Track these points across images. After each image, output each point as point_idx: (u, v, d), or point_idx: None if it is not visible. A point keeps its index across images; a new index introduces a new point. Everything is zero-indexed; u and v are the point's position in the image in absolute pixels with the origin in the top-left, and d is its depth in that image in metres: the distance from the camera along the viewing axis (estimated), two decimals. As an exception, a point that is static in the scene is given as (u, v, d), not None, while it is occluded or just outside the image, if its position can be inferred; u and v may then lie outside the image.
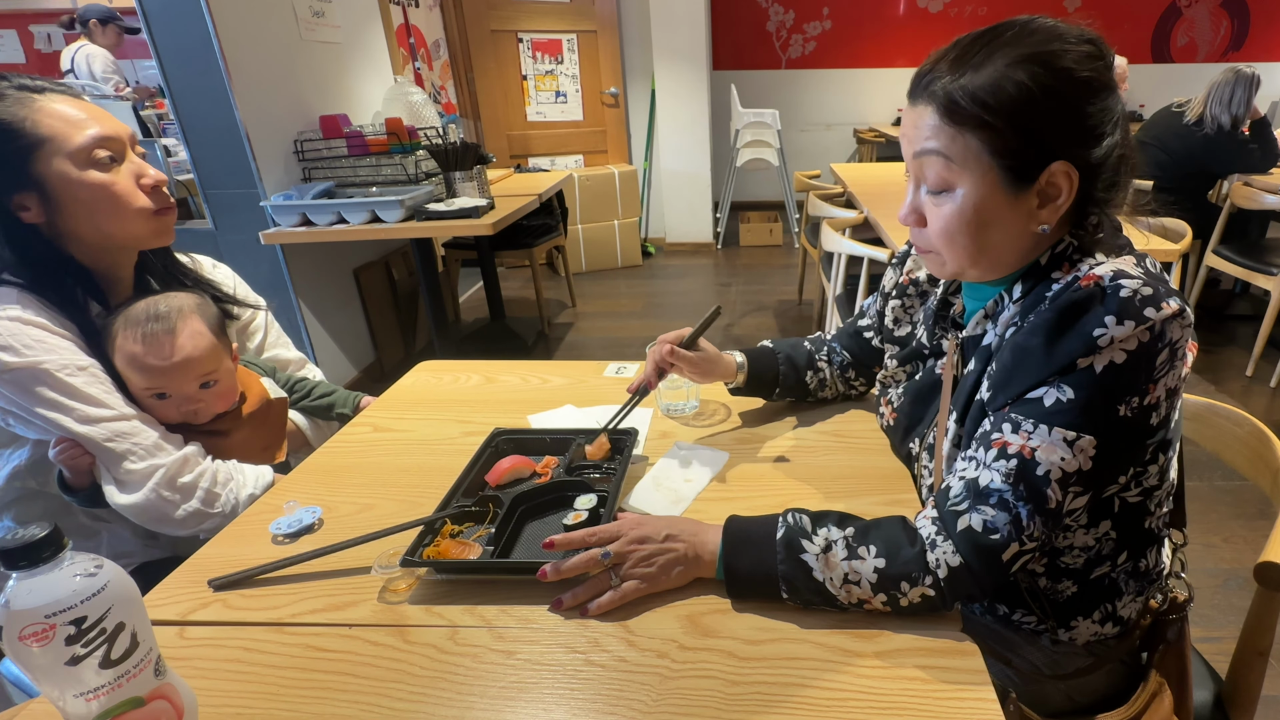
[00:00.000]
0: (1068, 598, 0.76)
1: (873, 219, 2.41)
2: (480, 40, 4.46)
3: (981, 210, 0.65)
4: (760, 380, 1.01)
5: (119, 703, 0.51)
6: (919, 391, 0.85)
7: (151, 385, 0.98)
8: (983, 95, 0.62)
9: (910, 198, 0.71)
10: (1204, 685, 0.88)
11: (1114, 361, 0.60)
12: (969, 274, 0.72)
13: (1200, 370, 2.88)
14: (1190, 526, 0.86)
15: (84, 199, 0.92)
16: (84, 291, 0.97)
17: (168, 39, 2.18)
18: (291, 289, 2.56)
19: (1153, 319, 0.59)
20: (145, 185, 0.97)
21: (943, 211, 0.67)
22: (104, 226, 0.95)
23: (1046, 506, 0.63)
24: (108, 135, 0.93)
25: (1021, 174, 0.64)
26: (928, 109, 0.65)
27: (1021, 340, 0.66)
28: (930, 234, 0.70)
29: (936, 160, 0.66)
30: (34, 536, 0.47)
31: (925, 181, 0.68)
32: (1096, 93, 0.63)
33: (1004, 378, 0.67)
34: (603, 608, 0.68)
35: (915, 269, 0.92)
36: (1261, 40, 5.97)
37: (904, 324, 0.92)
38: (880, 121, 6.24)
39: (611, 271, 4.67)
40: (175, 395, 0.99)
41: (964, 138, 0.64)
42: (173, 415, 1.01)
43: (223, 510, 0.98)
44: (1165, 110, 3.16)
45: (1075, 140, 0.64)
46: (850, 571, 0.65)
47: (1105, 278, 0.62)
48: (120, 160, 0.95)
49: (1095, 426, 0.61)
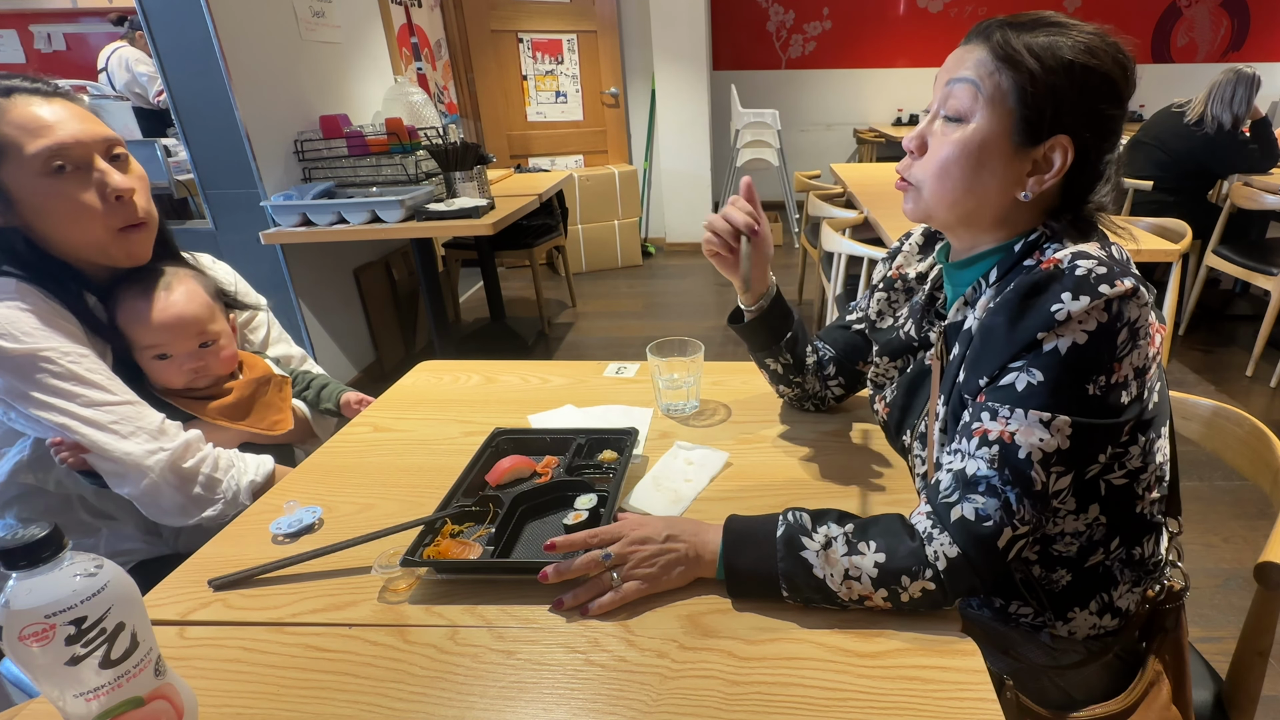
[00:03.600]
0: (1063, 587, 0.77)
1: (873, 219, 2.41)
2: (480, 40, 4.46)
3: (984, 148, 0.69)
4: (774, 316, 0.95)
5: (119, 703, 0.51)
6: (910, 383, 0.87)
7: (153, 342, 1.01)
8: (1035, 48, 0.66)
9: (922, 127, 0.74)
10: (1204, 685, 0.88)
11: (1076, 342, 0.63)
12: (941, 216, 0.75)
13: (1200, 370, 2.88)
14: (1190, 526, 0.86)
15: (41, 208, 0.90)
16: (78, 285, 0.97)
17: (168, 39, 2.18)
18: (291, 289, 2.56)
19: (1106, 294, 0.62)
20: (108, 196, 0.93)
21: (949, 139, 0.70)
22: (68, 237, 0.93)
23: (1033, 489, 0.65)
24: (64, 143, 0.89)
25: (1032, 130, 0.68)
26: (979, 48, 0.69)
27: (987, 320, 0.70)
28: (926, 162, 0.73)
29: (967, 88, 0.69)
30: (34, 536, 0.47)
31: (945, 108, 0.71)
32: (1115, 98, 0.68)
33: (974, 357, 0.71)
34: (603, 608, 0.68)
35: (904, 265, 0.95)
36: (1261, 40, 5.97)
37: (887, 316, 0.96)
38: (880, 121, 6.24)
39: (611, 271, 4.67)
40: (176, 355, 1.03)
41: (1000, 76, 0.67)
42: (175, 378, 1.04)
43: (224, 496, 0.98)
44: (1165, 110, 3.16)
45: (1085, 124, 0.68)
46: (851, 567, 0.66)
47: (1065, 259, 0.65)
48: (84, 168, 0.91)
49: (1067, 406, 0.64)
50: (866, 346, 0.98)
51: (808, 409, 1.06)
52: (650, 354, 1.05)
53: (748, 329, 0.97)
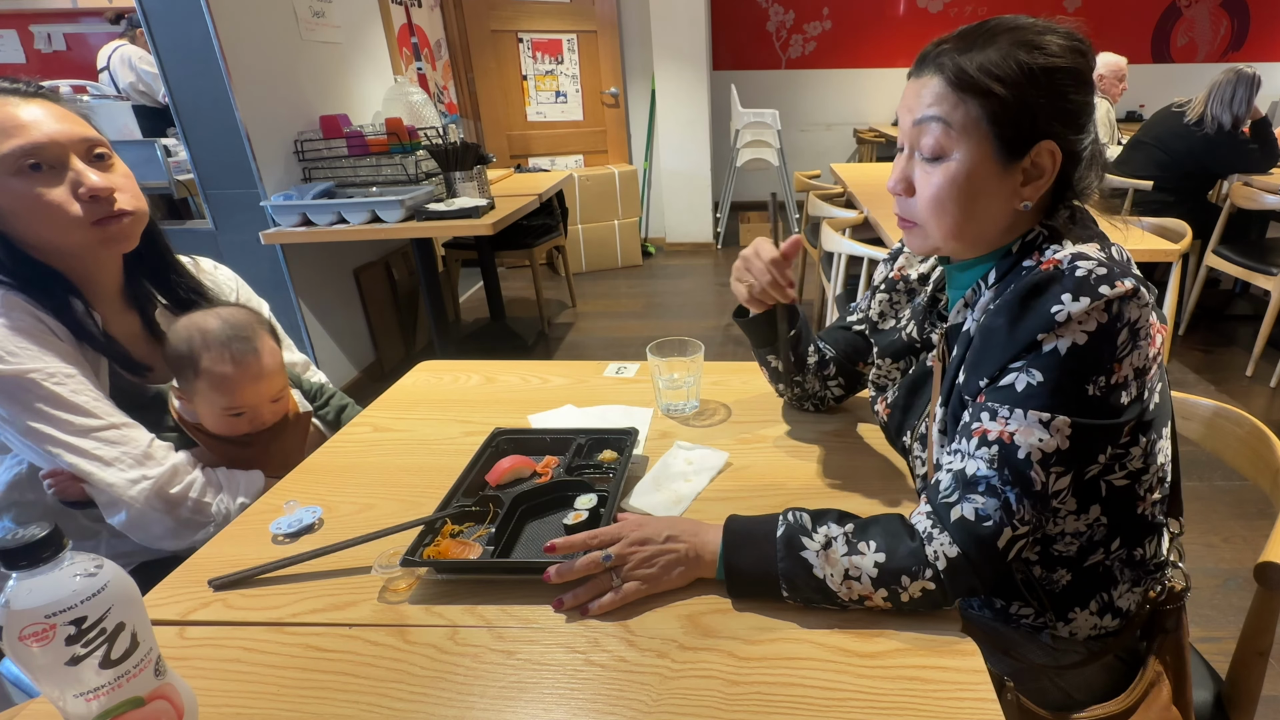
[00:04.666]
0: (1063, 587, 0.77)
1: (873, 219, 2.41)
2: (480, 40, 4.46)
3: (973, 178, 0.69)
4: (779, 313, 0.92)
5: (119, 703, 0.51)
6: (912, 385, 0.87)
7: (235, 404, 0.99)
8: (989, 66, 0.66)
9: (901, 167, 0.73)
10: (1204, 685, 0.88)
11: (1076, 343, 0.63)
12: (950, 246, 0.74)
13: (1200, 370, 2.88)
14: (1190, 526, 0.86)
15: (12, 208, 0.89)
16: (63, 289, 0.95)
17: (168, 39, 2.18)
18: (291, 289, 2.56)
19: (1106, 295, 0.62)
20: (82, 195, 0.91)
21: (934, 179, 0.70)
22: (42, 234, 0.92)
23: (1033, 489, 0.65)
24: (37, 143, 0.88)
25: (1013, 147, 0.68)
26: (934, 79, 0.69)
27: (988, 322, 0.70)
28: (918, 202, 0.72)
29: (936, 126, 0.69)
30: (34, 536, 0.47)
31: (920, 149, 0.71)
32: (1082, 85, 0.68)
33: (974, 359, 0.71)
34: (603, 608, 0.68)
35: (906, 266, 0.95)
36: (1261, 40, 5.97)
37: (888, 318, 0.96)
38: (880, 121, 6.24)
39: (611, 271, 4.67)
40: (249, 412, 1.01)
41: (966, 105, 0.67)
42: (242, 428, 1.02)
43: (215, 520, 0.96)
44: (1165, 110, 3.16)
45: (1061, 123, 0.68)
46: (851, 567, 0.66)
47: (1064, 260, 0.65)
48: (59, 167, 0.90)
49: (1067, 406, 0.64)
50: (867, 347, 0.98)
51: (807, 409, 1.06)
52: (650, 354, 1.05)
53: (751, 324, 0.96)
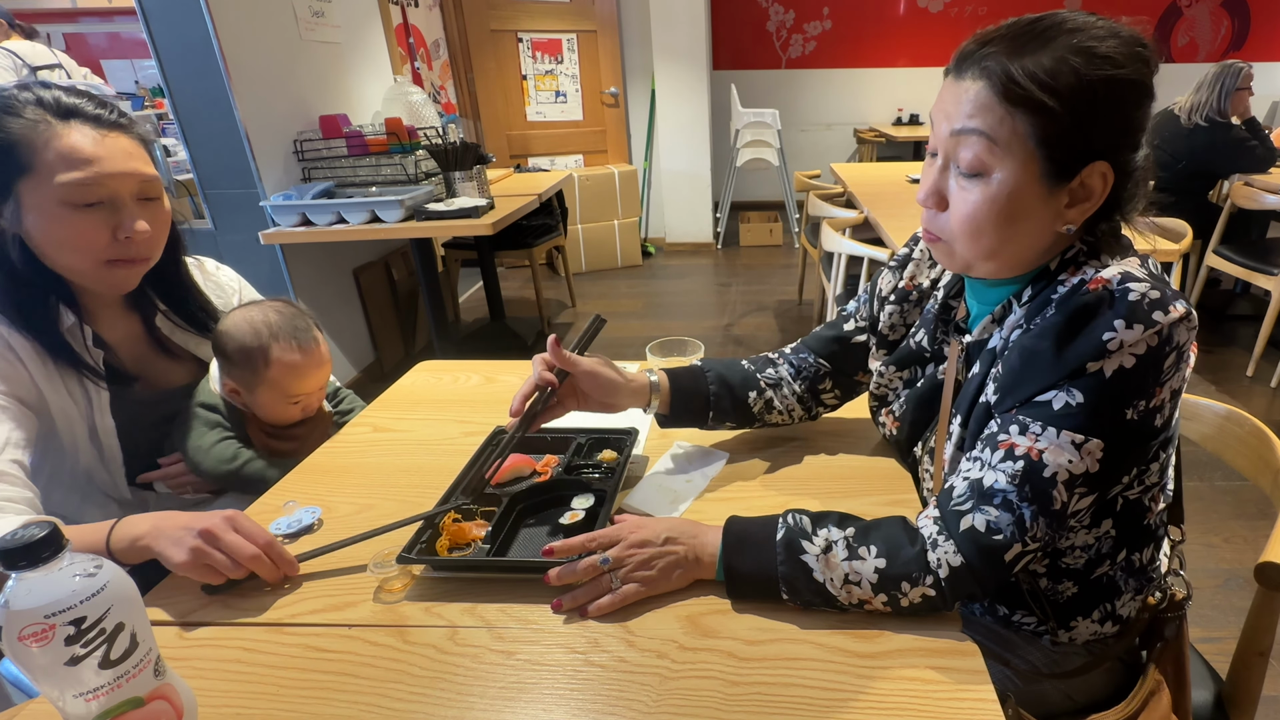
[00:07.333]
0: (1068, 598, 0.76)
1: (873, 219, 2.41)
2: (480, 40, 4.46)
3: (1015, 200, 0.63)
4: (686, 403, 0.89)
5: (119, 703, 0.51)
6: (921, 398, 0.84)
7: (299, 391, 1.04)
8: (1044, 77, 0.58)
9: (934, 178, 0.67)
10: (1204, 685, 0.87)
11: (1123, 366, 0.60)
12: (980, 269, 0.70)
13: (1200, 370, 2.88)
14: (1190, 526, 0.86)
15: (48, 229, 0.89)
16: (58, 299, 0.95)
17: (168, 39, 2.18)
18: (291, 289, 2.56)
19: (1161, 323, 0.59)
20: (119, 237, 0.91)
21: (971, 197, 0.64)
22: (59, 259, 0.92)
23: (1051, 508, 0.63)
24: (97, 183, 0.88)
25: (1062, 168, 0.62)
26: (977, 84, 0.62)
27: (1030, 344, 0.65)
28: (951, 220, 0.67)
29: (978, 141, 0.62)
30: (34, 536, 0.47)
31: (958, 162, 0.64)
32: (1144, 97, 0.62)
33: (1012, 381, 0.66)
34: (602, 610, 0.68)
35: (917, 274, 0.89)
36: (1262, 40, 5.97)
37: (899, 329, 0.90)
38: (880, 121, 6.24)
39: (611, 271, 4.66)
40: (304, 400, 1.06)
41: (1014, 120, 0.60)
42: (295, 415, 1.07)
43: None
44: (1165, 111, 3.15)
45: (1119, 142, 0.62)
46: (851, 572, 0.65)
47: (1113, 281, 0.61)
48: (107, 205, 0.90)
49: (1103, 430, 0.61)
50: (865, 356, 0.93)
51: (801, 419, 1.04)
52: (650, 354, 1.05)
53: (671, 421, 0.92)
